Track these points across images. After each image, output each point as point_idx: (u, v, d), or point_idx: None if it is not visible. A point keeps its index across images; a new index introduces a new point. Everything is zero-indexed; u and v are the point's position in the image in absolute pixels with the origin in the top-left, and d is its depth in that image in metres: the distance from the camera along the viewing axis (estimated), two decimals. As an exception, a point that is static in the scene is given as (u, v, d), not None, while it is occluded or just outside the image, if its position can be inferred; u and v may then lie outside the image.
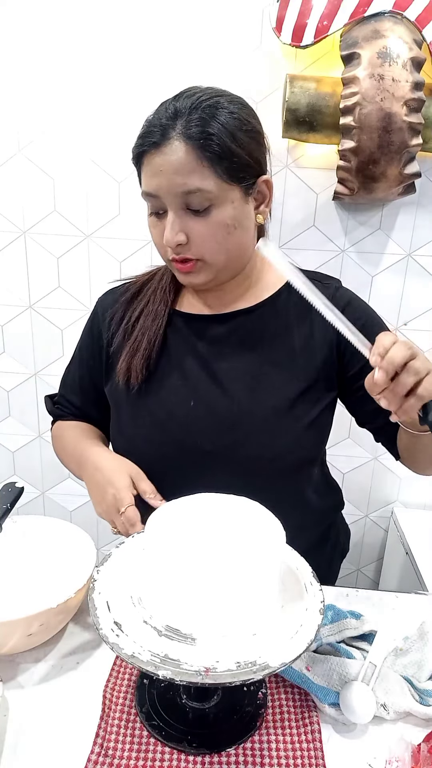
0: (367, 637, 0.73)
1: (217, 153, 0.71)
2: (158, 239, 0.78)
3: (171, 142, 0.71)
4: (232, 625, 0.55)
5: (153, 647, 0.53)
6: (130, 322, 0.89)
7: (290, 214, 1.50)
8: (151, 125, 0.74)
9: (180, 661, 0.51)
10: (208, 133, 0.71)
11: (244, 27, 1.37)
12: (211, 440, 0.83)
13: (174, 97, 0.76)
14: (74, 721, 0.64)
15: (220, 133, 0.71)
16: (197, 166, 0.71)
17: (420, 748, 0.59)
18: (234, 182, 0.74)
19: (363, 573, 1.89)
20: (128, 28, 1.38)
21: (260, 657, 0.52)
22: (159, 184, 0.73)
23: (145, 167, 0.75)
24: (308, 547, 0.70)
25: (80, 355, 0.99)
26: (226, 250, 0.77)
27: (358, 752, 0.61)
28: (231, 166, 0.73)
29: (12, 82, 1.43)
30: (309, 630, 0.55)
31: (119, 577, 0.62)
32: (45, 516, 0.85)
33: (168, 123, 0.72)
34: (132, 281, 0.95)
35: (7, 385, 1.72)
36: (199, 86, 0.77)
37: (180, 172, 0.71)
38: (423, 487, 1.76)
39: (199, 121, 0.71)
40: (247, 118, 0.76)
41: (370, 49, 1.25)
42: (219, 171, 0.72)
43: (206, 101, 0.73)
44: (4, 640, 0.66)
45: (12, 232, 1.55)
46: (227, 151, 0.72)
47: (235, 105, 0.75)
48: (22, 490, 0.86)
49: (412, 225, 1.51)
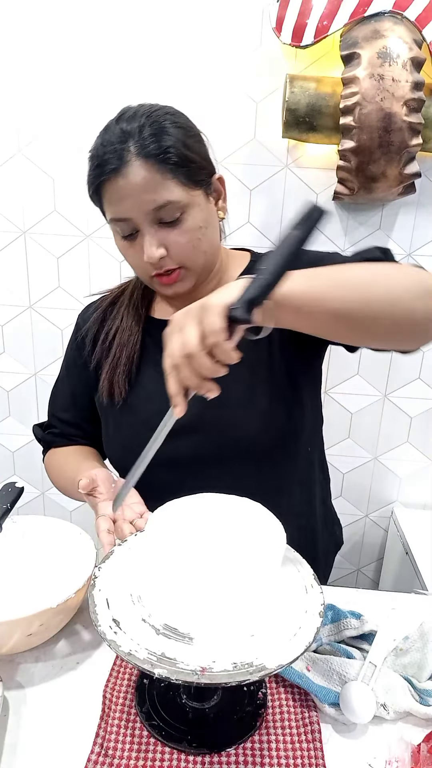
0: (367, 637, 0.73)
1: (176, 163, 0.73)
2: (135, 260, 0.79)
3: (131, 164, 0.72)
4: (230, 625, 0.55)
5: (150, 645, 0.53)
6: (107, 341, 0.91)
7: (290, 214, 1.50)
8: (104, 153, 0.73)
9: (176, 660, 0.51)
10: (165, 146, 0.72)
11: (244, 27, 1.37)
12: (196, 443, 0.83)
13: (116, 121, 0.75)
14: (74, 721, 0.64)
15: (175, 144, 0.73)
16: (162, 180, 0.72)
17: (420, 748, 0.59)
18: (196, 186, 0.76)
19: (363, 573, 1.89)
20: (128, 28, 1.38)
21: (257, 658, 0.52)
22: (128, 207, 0.74)
23: (109, 195, 0.75)
24: (304, 536, 0.70)
25: (68, 371, 0.99)
26: (203, 252, 0.79)
27: (358, 752, 0.61)
28: (190, 172, 0.74)
29: (12, 82, 1.43)
30: (308, 632, 0.55)
31: (120, 575, 0.62)
32: (45, 516, 0.85)
33: (121, 147, 0.72)
34: (106, 295, 0.97)
35: (7, 385, 1.72)
36: (130, 105, 0.77)
37: (147, 190, 0.72)
38: (423, 487, 1.76)
39: (152, 138, 0.72)
40: (188, 124, 0.78)
41: (370, 49, 1.25)
42: (182, 180, 0.73)
43: (151, 117, 0.73)
44: (4, 640, 0.66)
45: (12, 232, 1.55)
46: (184, 159, 0.73)
47: (174, 115, 0.76)
48: (22, 490, 0.86)
49: (412, 225, 1.51)
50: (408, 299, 0.64)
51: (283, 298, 0.59)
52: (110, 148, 0.73)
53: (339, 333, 0.68)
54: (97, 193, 0.77)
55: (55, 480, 0.98)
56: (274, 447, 0.87)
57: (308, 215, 0.53)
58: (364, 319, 0.64)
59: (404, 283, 0.66)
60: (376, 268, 0.69)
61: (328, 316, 0.63)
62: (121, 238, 0.79)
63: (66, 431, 1.00)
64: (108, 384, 0.89)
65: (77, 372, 0.96)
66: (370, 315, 0.63)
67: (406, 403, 1.67)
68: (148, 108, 0.75)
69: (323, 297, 0.62)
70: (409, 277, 0.67)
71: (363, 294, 0.63)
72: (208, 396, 0.59)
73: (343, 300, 0.62)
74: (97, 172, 0.75)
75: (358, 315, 0.63)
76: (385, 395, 1.67)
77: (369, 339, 0.71)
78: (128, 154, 0.72)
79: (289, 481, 0.90)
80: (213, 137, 0.80)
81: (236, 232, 1.52)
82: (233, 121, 1.43)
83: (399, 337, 0.70)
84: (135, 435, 0.86)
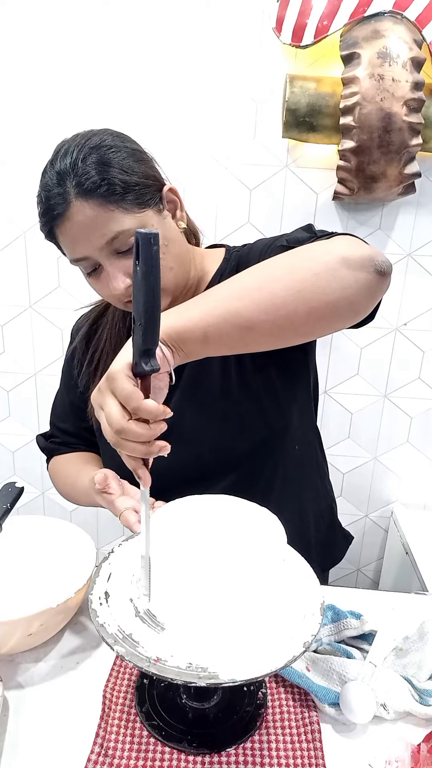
0: (367, 637, 0.73)
1: (119, 193, 0.71)
2: (106, 292, 0.78)
3: (72, 206, 0.70)
4: (209, 625, 0.54)
5: (124, 624, 0.55)
6: (93, 364, 0.91)
7: (290, 214, 1.50)
8: (46, 200, 0.73)
9: (139, 643, 0.52)
10: (102, 179, 0.70)
11: (244, 27, 1.37)
12: (176, 456, 0.82)
13: (50, 164, 0.73)
14: (74, 721, 0.64)
15: (113, 173, 0.71)
16: (107, 213, 0.71)
17: (420, 748, 0.59)
18: (144, 207, 0.73)
19: (363, 573, 1.89)
20: (128, 29, 1.38)
21: (215, 666, 0.50)
22: (82, 248, 0.73)
23: (61, 238, 0.75)
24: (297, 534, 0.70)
25: (66, 381, 1.00)
26: (170, 268, 0.77)
27: (358, 752, 0.61)
28: (134, 196, 0.72)
29: (12, 82, 1.43)
30: (286, 652, 0.52)
31: (134, 555, 0.64)
32: (45, 516, 0.85)
33: (59, 190, 0.71)
34: (96, 306, 0.96)
35: (7, 385, 1.72)
36: (64, 139, 0.75)
37: (95, 227, 0.71)
38: (423, 487, 1.77)
39: (87, 175, 0.70)
40: (124, 144, 0.75)
41: (370, 49, 1.26)
42: (127, 206, 0.72)
43: (83, 150, 0.71)
44: (4, 640, 0.66)
45: (12, 232, 1.55)
46: (125, 185, 0.71)
47: (108, 138, 0.74)
48: (22, 490, 0.86)
49: (412, 225, 1.51)
50: (314, 282, 0.60)
51: (180, 334, 0.57)
52: (51, 193, 0.71)
53: (264, 340, 0.64)
54: (51, 236, 0.76)
55: (60, 487, 0.98)
56: (254, 451, 0.86)
57: (139, 246, 0.46)
58: (277, 319, 0.60)
59: (308, 265, 0.61)
60: (277, 261, 0.64)
61: (239, 330, 0.59)
62: (86, 276, 0.79)
63: (67, 440, 1.00)
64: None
65: (73, 385, 0.97)
66: (281, 313, 0.60)
67: (406, 403, 1.67)
68: (81, 140, 0.73)
69: (223, 315, 0.59)
70: (315, 257, 0.62)
71: (263, 295, 0.60)
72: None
73: (246, 309, 0.59)
74: (44, 220, 0.74)
75: (267, 317, 0.60)
76: (385, 395, 1.67)
77: (298, 334, 0.65)
78: (68, 195, 0.70)
79: (277, 482, 0.90)
80: (213, 137, 0.79)
81: (236, 232, 1.52)
82: (233, 121, 1.43)
83: (326, 320, 0.64)
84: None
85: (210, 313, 0.58)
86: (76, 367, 0.95)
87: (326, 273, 0.60)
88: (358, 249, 0.63)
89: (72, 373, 0.97)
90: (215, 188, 1.49)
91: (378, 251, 0.64)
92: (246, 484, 0.85)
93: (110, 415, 0.52)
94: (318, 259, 0.62)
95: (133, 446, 0.53)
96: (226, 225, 1.52)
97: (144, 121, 1.43)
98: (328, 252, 0.62)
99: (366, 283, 0.62)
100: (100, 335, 0.92)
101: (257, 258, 0.76)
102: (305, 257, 0.63)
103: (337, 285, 0.60)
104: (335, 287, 0.60)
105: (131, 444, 0.53)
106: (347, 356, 1.62)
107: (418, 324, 1.59)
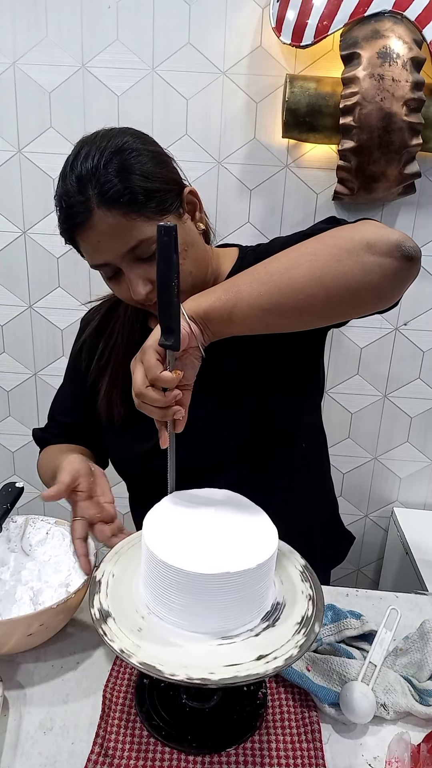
0: (367, 637, 0.73)
1: (141, 201, 0.70)
2: (126, 295, 0.78)
3: (94, 215, 0.70)
4: (188, 625, 0.54)
5: (112, 606, 0.57)
6: (103, 359, 0.91)
7: (290, 214, 1.50)
8: (68, 207, 0.72)
9: (112, 629, 0.54)
10: (124, 188, 0.69)
11: (244, 27, 1.37)
12: (198, 457, 0.81)
13: (70, 166, 0.72)
14: (74, 721, 0.64)
15: (135, 181, 0.70)
16: (129, 222, 0.70)
17: (420, 748, 0.59)
18: (165, 213, 0.73)
19: (363, 573, 1.89)
20: (129, 29, 1.38)
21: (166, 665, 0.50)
22: (104, 255, 0.73)
23: (82, 245, 0.75)
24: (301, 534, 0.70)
25: (71, 375, 0.99)
26: (190, 272, 0.77)
27: (358, 752, 0.61)
28: (157, 203, 0.72)
29: (12, 82, 1.43)
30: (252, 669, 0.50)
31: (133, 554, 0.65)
32: (45, 516, 0.84)
33: (81, 198, 0.70)
34: (107, 298, 0.95)
35: (7, 385, 1.72)
36: (84, 138, 0.74)
37: (117, 235, 0.71)
38: (423, 487, 1.77)
39: (110, 183, 0.69)
40: (146, 147, 0.73)
41: (370, 49, 1.26)
42: (149, 214, 0.71)
43: (104, 155, 0.70)
44: (4, 640, 0.66)
45: (12, 232, 1.55)
46: (147, 192, 0.70)
47: (129, 140, 0.72)
48: (22, 490, 0.86)
49: (412, 225, 1.51)
50: (336, 268, 0.60)
51: (208, 313, 0.62)
52: (73, 200, 0.70)
53: (285, 322, 0.65)
54: (71, 241, 0.76)
55: (42, 476, 0.95)
56: (263, 447, 0.87)
57: (160, 238, 0.53)
58: (297, 303, 0.61)
59: (329, 251, 0.61)
60: (302, 247, 0.64)
61: (261, 312, 0.62)
62: (106, 279, 0.79)
63: (64, 432, 1.00)
64: (106, 404, 0.89)
65: (79, 378, 0.96)
66: (300, 297, 0.61)
67: (406, 403, 1.67)
68: (102, 141, 0.71)
69: (247, 298, 0.61)
70: (338, 243, 0.62)
71: (284, 281, 0.61)
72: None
73: (268, 293, 0.61)
74: (65, 226, 0.74)
75: (287, 301, 0.61)
76: (385, 395, 1.67)
77: (319, 318, 0.66)
78: (90, 203, 0.69)
79: (285, 479, 0.90)
80: (213, 137, 0.79)
81: (236, 232, 1.52)
82: (233, 121, 1.43)
83: (348, 305, 0.64)
84: (134, 459, 0.86)
85: (236, 296, 0.62)
86: (84, 360, 0.94)
87: (348, 258, 0.60)
88: (384, 234, 0.62)
89: (79, 366, 0.96)
90: (215, 188, 1.49)
91: (406, 236, 0.63)
92: (255, 478, 0.85)
93: (135, 381, 0.61)
94: (340, 245, 0.62)
95: (151, 409, 0.61)
96: (226, 225, 1.52)
97: (144, 121, 1.43)
98: (352, 238, 0.62)
99: (391, 268, 0.61)
100: (111, 329, 0.91)
101: (278, 251, 0.75)
102: (328, 243, 0.63)
103: (359, 271, 0.60)
104: (357, 273, 0.60)
105: (149, 407, 0.61)
106: (347, 356, 1.62)
107: (418, 324, 1.60)
